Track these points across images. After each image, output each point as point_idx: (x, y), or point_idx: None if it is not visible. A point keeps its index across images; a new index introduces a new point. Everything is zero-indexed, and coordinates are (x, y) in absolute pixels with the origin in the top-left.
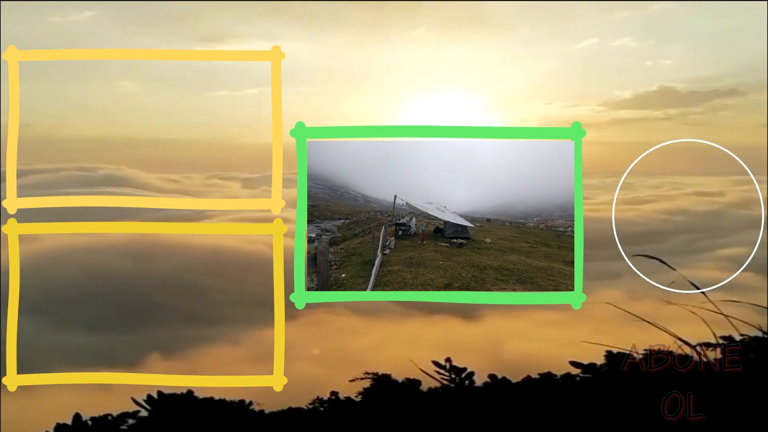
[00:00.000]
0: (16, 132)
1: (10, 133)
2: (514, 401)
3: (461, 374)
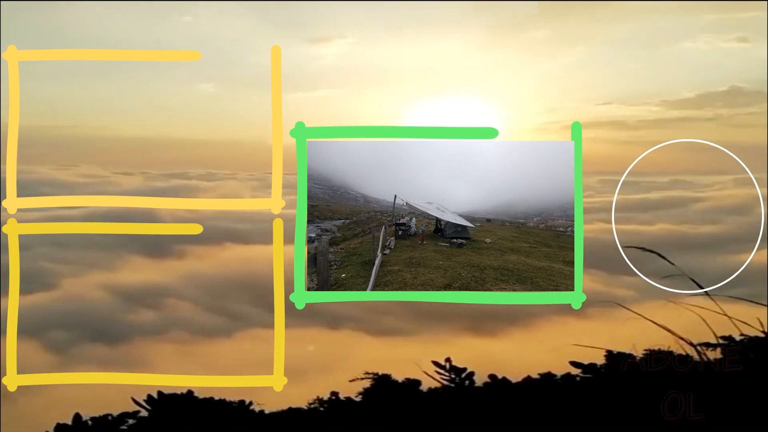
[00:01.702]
0: (16, 132)
1: (10, 134)
2: (514, 401)
3: (461, 374)
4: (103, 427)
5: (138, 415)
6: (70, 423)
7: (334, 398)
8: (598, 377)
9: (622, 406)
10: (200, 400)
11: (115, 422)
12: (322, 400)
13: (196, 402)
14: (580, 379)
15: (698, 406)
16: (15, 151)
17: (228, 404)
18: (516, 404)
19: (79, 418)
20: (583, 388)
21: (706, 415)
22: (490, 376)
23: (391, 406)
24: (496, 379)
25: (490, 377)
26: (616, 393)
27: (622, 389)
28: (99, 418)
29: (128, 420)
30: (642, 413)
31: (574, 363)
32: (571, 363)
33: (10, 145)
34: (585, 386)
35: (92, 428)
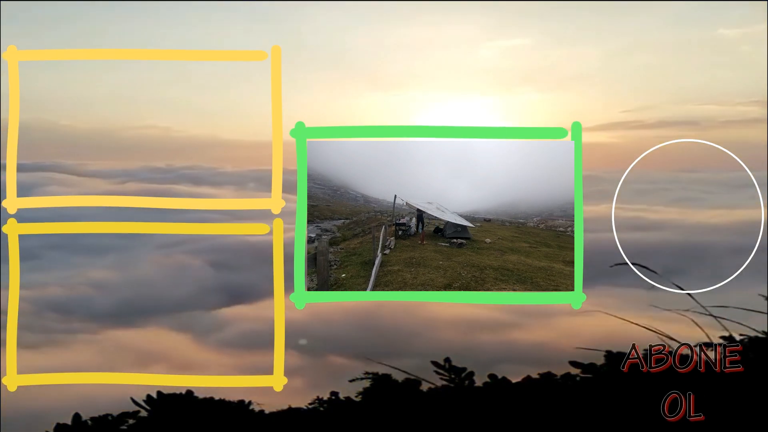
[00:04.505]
0: (16, 132)
1: (10, 134)
2: (514, 401)
3: (461, 374)
4: (103, 427)
5: (138, 415)
6: (69, 423)
7: (334, 398)
8: (598, 377)
9: (622, 406)
10: (200, 400)
11: (115, 422)
12: (322, 400)
13: (196, 402)
14: (580, 379)
15: (698, 406)
16: (15, 152)
17: (228, 404)
18: (516, 404)
19: (79, 418)
20: (583, 388)
21: (706, 415)
22: (490, 376)
23: (391, 406)
24: (496, 379)
25: (490, 377)
26: (616, 393)
27: (622, 389)
28: (99, 418)
29: (128, 420)
30: (642, 413)
31: (574, 363)
32: (571, 363)
33: (10, 145)
34: (585, 386)
35: (92, 428)
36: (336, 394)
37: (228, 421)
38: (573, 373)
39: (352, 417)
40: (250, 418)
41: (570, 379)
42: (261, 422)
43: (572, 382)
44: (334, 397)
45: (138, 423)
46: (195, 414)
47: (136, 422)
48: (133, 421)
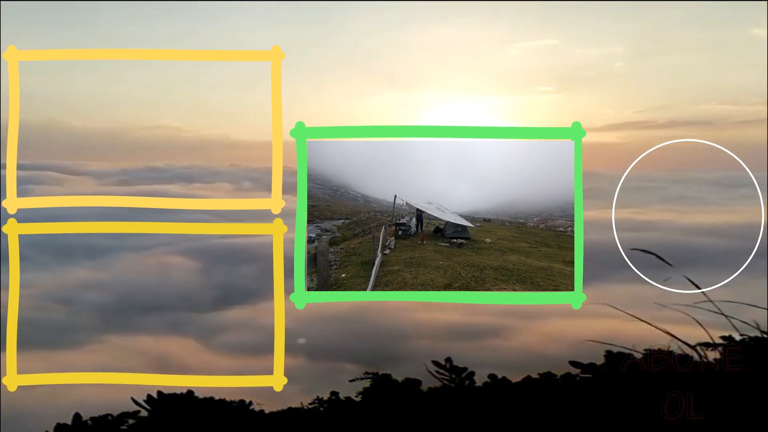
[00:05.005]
0: (16, 132)
1: (11, 134)
2: (514, 401)
3: (461, 374)
4: (103, 427)
5: (138, 415)
6: (70, 423)
7: (334, 398)
8: (598, 377)
9: (622, 406)
10: (200, 400)
11: (115, 422)
12: (322, 400)
13: (196, 402)
14: (580, 379)
15: (698, 406)
16: (15, 152)
17: (228, 404)
18: (516, 404)
19: (79, 418)
20: (583, 388)
21: (706, 415)
22: (490, 376)
23: (391, 406)
24: (496, 379)
25: (490, 377)
26: (616, 393)
27: (622, 389)
28: (99, 418)
29: (128, 420)
30: (642, 413)
31: (574, 363)
32: (571, 363)
33: (10, 145)
34: (585, 386)
35: (92, 428)
36: (336, 394)
37: (228, 421)
38: (573, 373)
39: (352, 417)
40: (250, 418)
41: (570, 379)
42: (261, 422)
43: (572, 382)
44: (334, 397)
45: (138, 423)
46: (195, 414)
47: (136, 422)
48: (133, 421)
